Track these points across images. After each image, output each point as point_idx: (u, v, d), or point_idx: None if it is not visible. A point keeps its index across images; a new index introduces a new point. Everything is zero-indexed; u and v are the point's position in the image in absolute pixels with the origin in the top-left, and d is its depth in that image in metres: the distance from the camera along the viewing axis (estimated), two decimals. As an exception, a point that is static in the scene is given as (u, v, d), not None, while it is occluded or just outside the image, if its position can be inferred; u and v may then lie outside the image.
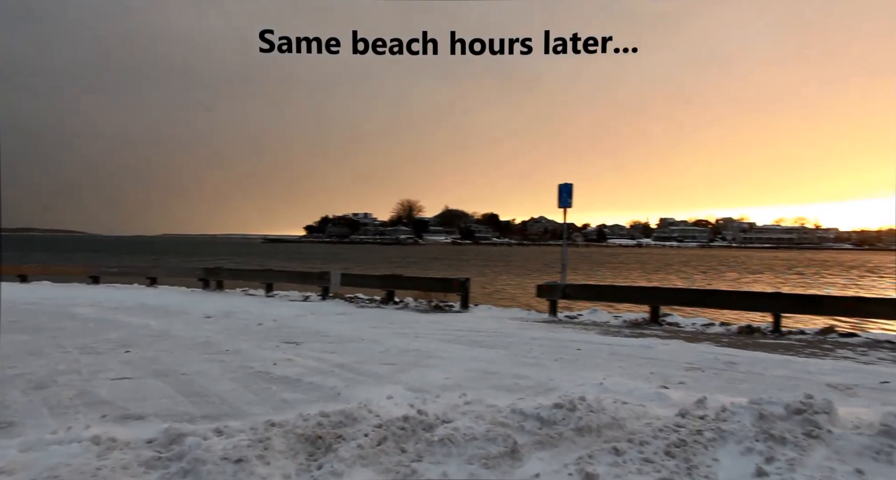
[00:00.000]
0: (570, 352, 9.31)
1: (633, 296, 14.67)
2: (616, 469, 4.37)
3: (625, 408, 5.50)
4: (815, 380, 7.52)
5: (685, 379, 7.50)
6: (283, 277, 21.02)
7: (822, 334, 11.78)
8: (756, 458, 4.53)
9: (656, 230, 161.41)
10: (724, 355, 9.26)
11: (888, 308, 12.56)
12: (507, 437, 4.59)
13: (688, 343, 10.38)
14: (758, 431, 4.88)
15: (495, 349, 9.49)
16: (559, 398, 5.47)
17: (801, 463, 4.46)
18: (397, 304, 16.76)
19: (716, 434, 4.84)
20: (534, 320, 13.75)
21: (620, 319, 13.58)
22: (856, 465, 4.40)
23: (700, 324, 13.10)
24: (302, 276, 20.57)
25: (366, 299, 17.89)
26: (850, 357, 9.40)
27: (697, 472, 4.36)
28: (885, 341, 11.10)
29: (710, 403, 5.50)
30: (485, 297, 20.75)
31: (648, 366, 8.26)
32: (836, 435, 4.87)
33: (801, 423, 5.01)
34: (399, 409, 5.25)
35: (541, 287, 14.64)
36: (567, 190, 14.11)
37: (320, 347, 9.57)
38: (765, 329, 12.19)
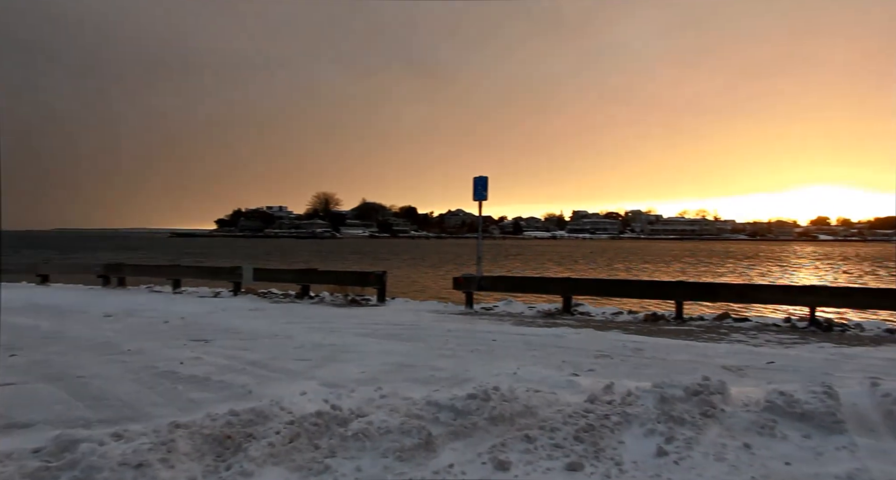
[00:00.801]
0: (485, 343, 9.47)
1: (546, 287, 15.11)
2: (528, 455, 4.50)
3: (537, 396, 5.67)
4: (711, 363, 8.03)
5: (595, 366, 7.81)
6: (191, 272, 20.15)
7: (719, 319, 12.60)
8: (658, 439, 4.79)
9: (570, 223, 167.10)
10: (632, 342, 9.71)
11: (775, 294, 13.63)
12: (422, 429, 4.62)
13: (598, 332, 10.81)
14: (659, 413, 5.16)
15: (412, 342, 9.51)
16: (474, 389, 5.55)
17: (697, 441, 4.75)
18: (313, 299, 16.46)
19: (621, 418, 5.08)
20: (450, 312, 13.89)
21: (535, 309, 13.96)
22: (744, 440, 4.74)
23: (610, 313, 13.68)
24: (212, 271, 19.79)
25: (280, 294, 17.46)
26: (743, 341, 10.10)
27: (604, 455, 4.55)
28: (773, 324, 12.03)
29: (617, 388, 5.76)
30: (402, 290, 20.76)
31: (561, 355, 8.53)
32: (728, 413, 5.22)
33: (699, 404, 5.34)
34: (312, 405, 5.16)
35: (457, 280, 14.80)
36: (482, 183, 14.32)
37: (231, 344, 9.25)
38: (669, 316, 12.89)
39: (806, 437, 4.86)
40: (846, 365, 7.98)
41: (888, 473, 4.16)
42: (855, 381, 6.50)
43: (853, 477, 4.13)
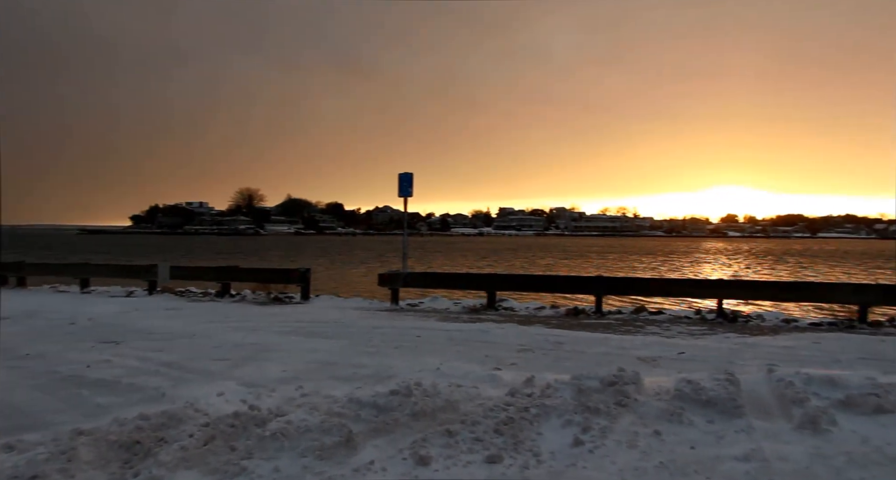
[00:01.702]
0: (410, 339, 9.49)
1: (471, 283, 15.29)
2: (448, 449, 4.54)
3: (459, 391, 5.73)
4: (627, 355, 8.37)
5: (517, 360, 7.97)
6: (102, 271, 19.09)
7: (636, 313, 13.14)
8: (574, 429, 4.94)
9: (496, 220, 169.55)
10: (553, 336, 9.97)
11: (686, 288, 14.37)
12: (342, 427, 4.57)
13: (521, 326, 11.03)
14: (576, 404, 5.33)
15: (336, 340, 9.40)
16: (396, 385, 5.56)
17: (611, 430, 4.94)
18: (234, 297, 15.96)
19: (540, 410, 5.20)
20: (376, 309, 13.82)
21: (460, 305, 14.10)
22: (654, 427, 4.97)
23: (533, 308, 13.99)
24: (125, 269, 18.83)
25: (199, 292, 16.83)
26: (657, 333, 10.58)
27: (523, 446, 4.65)
28: (685, 317, 12.66)
29: (537, 381, 5.90)
30: (328, 287, 20.46)
31: (484, 350, 8.66)
32: (641, 402, 5.46)
33: (614, 394, 5.55)
34: (230, 406, 5.02)
35: (382, 276, 14.74)
36: (407, 179, 14.31)
37: (144, 345, 8.84)
38: (589, 311, 13.32)
39: (710, 422, 5.15)
40: (748, 353, 8.50)
41: (778, 451, 4.47)
42: (755, 368, 6.93)
43: (749, 457, 4.41)
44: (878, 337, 9.85)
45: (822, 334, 10.29)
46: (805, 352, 8.64)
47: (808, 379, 5.73)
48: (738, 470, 4.26)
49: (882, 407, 5.16)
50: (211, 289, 16.75)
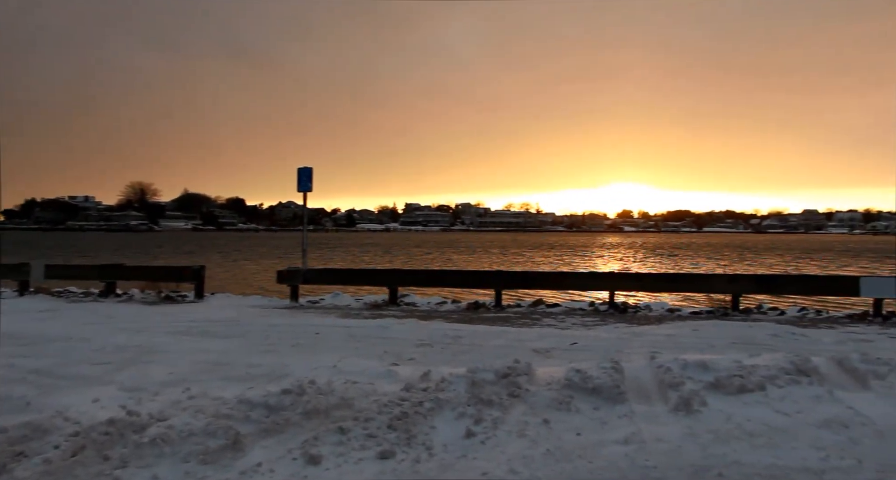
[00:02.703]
0: (308, 337, 9.30)
1: (373, 278, 15.20)
2: (340, 447, 4.49)
3: (354, 388, 5.68)
4: (523, 347, 8.61)
5: (415, 355, 8.00)
6: (-37, 270, 17.29)
7: (534, 306, 13.57)
8: (467, 421, 5.03)
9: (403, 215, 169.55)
10: (452, 330, 10.10)
11: (581, 281, 15.00)
12: (229, 429, 4.41)
13: (421, 321, 11.09)
14: (470, 396, 5.43)
15: (229, 339, 9.06)
16: (289, 384, 5.43)
17: (503, 421, 5.07)
18: (120, 297, 14.99)
19: (434, 404, 5.25)
20: (274, 306, 13.44)
21: (361, 301, 13.98)
22: (544, 416, 5.14)
23: (434, 303, 14.11)
24: (-9, 268, 17.16)
25: (80, 292, 15.67)
26: (553, 325, 10.97)
27: (416, 441, 4.68)
28: (579, 308, 13.22)
29: (433, 375, 5.94)
30: (224, 285, 19.66)
31: (383, 345, 8.63)
32: (533, 392, 5.63)
33: (507, 386, 5.69)
34: (105, 412, 4.70)
35: (281, 273, 14.35)
36: (306, 174, 13.99)
37: (9, 351, 8.10)
38: (489, 305, 13.60)
39: (596, 409, 5.40)
40: (634, 342, 8.99)
41: (655, 432, 4.76)
42: (639, 356, 7.32)
43: (629, 440, 4.67)
44: (747, 323, 10.71)
45: (700, 322, 11.05)
46: (685, 339, 9.24)
47: (685, 364, 6.13)
48: (618, 453, 4.49)
49: (745, 387, 5.61)
50: (94, 289, 15.64)
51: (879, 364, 5.88)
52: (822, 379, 5.82)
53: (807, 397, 5.52)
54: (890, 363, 5.85)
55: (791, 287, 13.91)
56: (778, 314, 12.69)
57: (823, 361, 6.22)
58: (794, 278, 17.01)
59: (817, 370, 5.94)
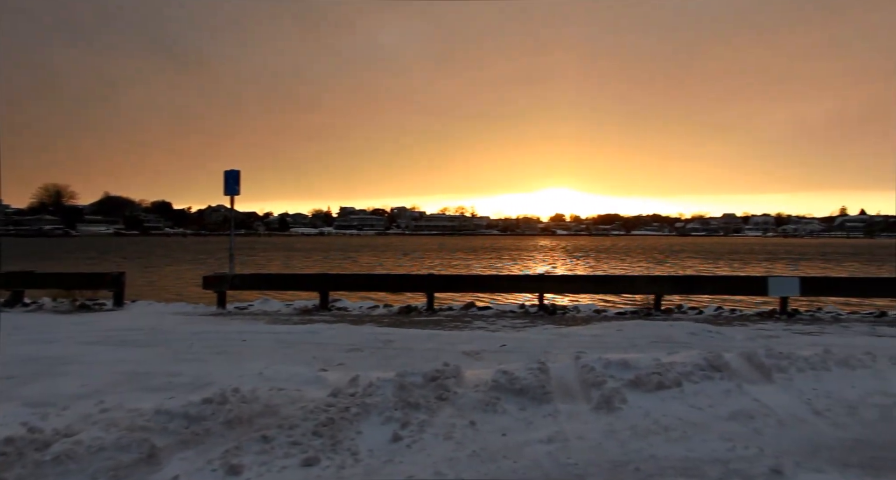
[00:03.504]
0: (234, 344, 9.04)
1: (303, 283, 14.93)
2: (263, 456, 4.39)
3: (280, 395, 5.57)
4: (453, 350, 8.67)
5: (345, 360, 7.92)
6: None
7: (466, 309, 13.68)
8: (394, 425, 5.02)
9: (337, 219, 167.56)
10: (383, 334, 10.05)
11: (511, 283, 15.27)
12: (144, 442, 4.23)
13: (352, 326, 10.99)
14: (397, 400, 5.42)
15: (150, 348, 8.68)
16: (211, 393, 5.27)
17: (430, 424, 5.08)
18: (28, 306, 14.12)
19: (361, 409, 5.21)
20: (200, 313, 13.00)
21: (291, 307, 13.72)
22: (471, 418, 5.19)
23: (367, 307, 14.01)
24: None
25: (-19, 302, 14.64)
26: (483, 327, 11.10)
27: (341, 447, 4.63)
28: (510, 311, 13.43)
29: (361, 380, 5.89)
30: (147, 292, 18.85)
31: (312, 351, 8.50)
32: (461, 395, 5.68)
33: (435, 389, 5.71)
34: (4, 430, 4.41)
35: (207, 279, 13.89)
36: (234, 177, 13.62)
37: None
38: (421, 308, 13.62)
39: (522, 409, 5.50)
40: (562, 343, 9.21)
41: (577, 431, 4.89)
42: (565, 356, 7.50)
43: (552, 439, 4.78)
44: (668, 323, 11.16)
45: (625, 322, 11.44)
46: (610, 339, 9.54)
47: (607, 363, 6.33)
48: (541, 452, 4.59)
49: (663, 384, 5.85)
50: None
51: (782, 359, 6.25)
52: (732, 374, 6.14)
53: (718, 391, 5.82)
54: (791, 357, 6.24)
55: (707, 288, 14.61)
56: (696, 313, 13.30)
57: (734, 357, 6.56)
58: (709, 279, 17.88)
59: (728, 366, 6.26)
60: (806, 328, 11.01)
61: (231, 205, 14.32)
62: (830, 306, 14.16)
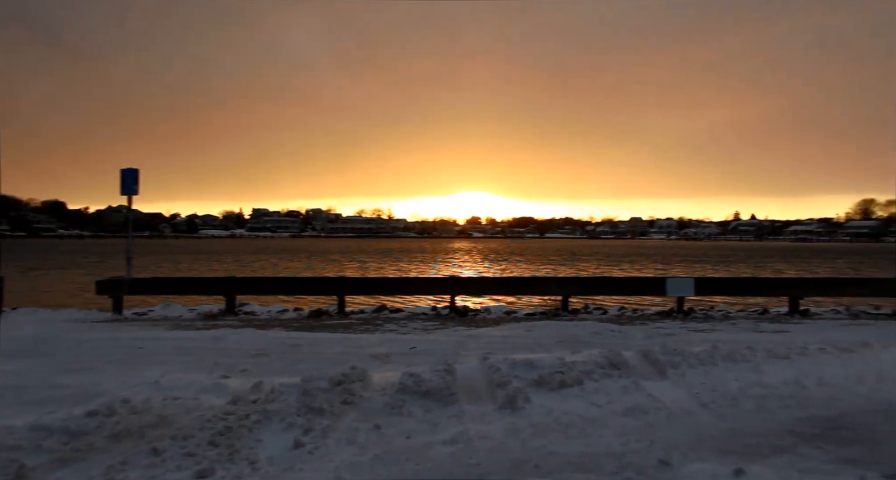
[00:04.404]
0: (129, 352, 8.55)
1: (208, 287, 14.33)
2: (152, 470, 4.16)
3: (175, 404, 5.30)
4: (362, 353, 8.58)
5: (249, 366, 7.66)
6: None
7: (377, 312, 13.59)
8: (296, 432, 4.90)
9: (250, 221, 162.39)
10: (291, 338, 9.80)
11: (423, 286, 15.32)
12: (12, 463, 3.91)
13: (259, 330, 10.66)
14: (300, 406, 5.29)
15: (30, 358, 8.03)
16: (98, 405, 4.95)
17: (333, 429, 5.00)
18: None
19: (262, 416, 5.05)
20: (93, 320, 12.19)
21: (195, 312, 13.14)
22: (376, 421, 5.15)
23: (276, 311, 13.63)
24: None
25: None
26: (394, 330, 11.06)
27: (239, 456, 4.46)
28: (422, 313, 13.47)
29: (264, 386, 5.72)
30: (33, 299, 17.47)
31: (215, 357, 8.16)
32: (366, 398, 5.62)
33: (340, 393, 5.63)
34: None
35: (101, 283, 13.04)
36: (132, 176, 12.86)
37: None
38: (332, 311, 13.40)
39: (427, 411, 5.51)
40: (471, 344, 9.32)
41: (481, 431, 4.96)
42: (474, 357, 7.59)
43: (456, 440, 4.81)
44: (574, 323, 11.55)
45: (533, 323, 11.73)
46: (518, 339, 9.75)
47: (513, 364, 6.46)
48: (445, 453, 4.61)
49: (565, 382, 6.03)
50: None
51: (675, 355, 6.60)
52: (630, 371, 6.42)
53: (616, 388, 6.07)
54: (683, 354, 6.60)
55: (611, 288, 15.25)
56: (601, 313, 13.84)
57: (632, 355, 6.86)
58: (613, 280, 18.68)
59: (627, 364, 6.55)
60: (699, 326, 11.70)
61: (129, 205, 13.53)
62: (722, 304, 15.13)
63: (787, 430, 5.01)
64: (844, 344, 7.27)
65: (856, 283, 16.40)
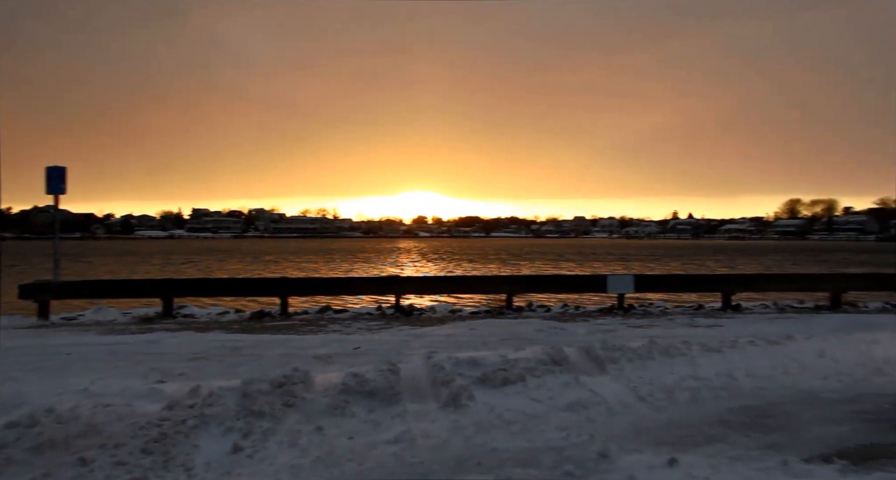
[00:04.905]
0: (56, 358, 8.15)
1: (143, 290, 13.81)
2: (79, 481, 3.98)
3: (106, 411, 5.08)
4: (305, 354, 8.45)
5: (187, 370, 7.44)
6: None
7: (321, 312, 13.41)
8: (235, 436, 4.79)
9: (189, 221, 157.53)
10: (232, 341, 9.57)
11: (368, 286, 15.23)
12: (-76, 477, 3.66)
13: (198, 333, 10.36)
14: (240, 409, 5.17)
15: (-55, 369, 7.56)
16: (18, 416, 4.69)
17: (274, 432, 4.90)
18: None
19: (199, 421, 4.91)
20: (15, 326, 11.54)
21: (130, 315, 12.64)
22: (318, 423, 5.08)
23: (216, 313, 13.27)
24: None
25: None
26: (339, 330, 10.94)
27: (174, 463, 4.33)
28: (367, 313, 13.37)
29: (202, 390, 5.54)
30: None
31: (150, 362, 7.89)
32: (309, 400, 5.54)
33: (282, 395, 5.52)
34: None
35: (24, 287, 12.36)
36: (58, 174, 12.24)
37: None
38: (275, 313, 13.14)
39: (371, 411, 5.48)
40: (416, 343, 9.31)
41: (424, 429, 4.97)
42: (418, 356, 7.60)
43: (399, 439, 4.80)
44: (518, 321, 11.71)
45: (478, 321, 11.82)
46: (462, 338, 9.80)
47: (456, 362, 6.49)
48: (387, 453, 4.60)
49: (508, 379, 6.11)
50: None
51: (615, 350, 6.78)
52: (571, 367, 6.55)
53: (558, 384, 6.18)
54: (622, 349, 6.78)
55: (555, 286, 15.53)
56: (545, 311, 14.07)
57: (573, 351, 7.00)
58: (557, 278, 19.05)
59: (568, 360, 6.67)
60: (638, 322, 12.05)
61: (56, 204, 12.88)
62: (660, 300, 15.62)
63: (719, 420, 5.22)
64: (772, 337, 7.62)
65: (781, 279, 17.25)
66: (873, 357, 7.03)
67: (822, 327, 10.54)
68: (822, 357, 7.01)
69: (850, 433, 4.99)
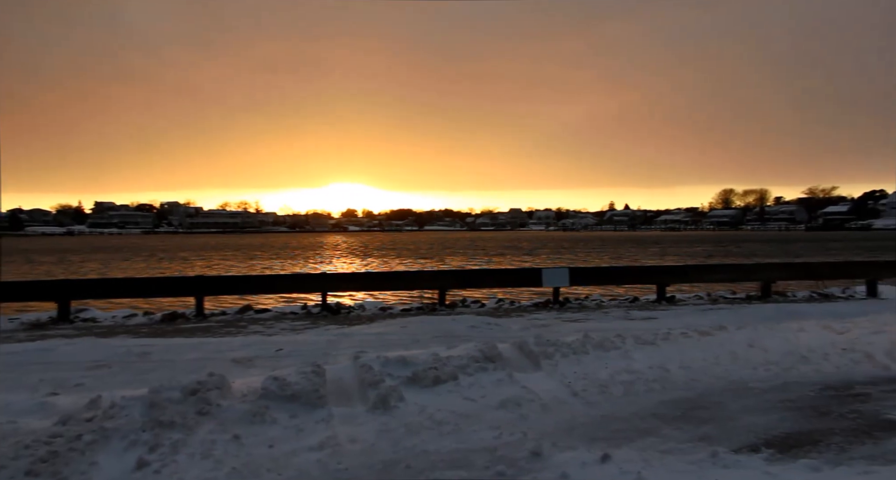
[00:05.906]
0: (-71, 372, 7.57)
1: (36, 292, 13.01)
2: (-47, 509, 3.70)
3: (-16, 430, 4.77)
4: (222, 358, 8.20)
5: (85, 380, 7.08)
6: None
7: (241, 312, 13.06)
8: (140, 449, 4.58)
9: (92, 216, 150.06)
10: (139, 346, 9.16)
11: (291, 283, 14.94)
12: None
13: (101, 339, 9.89)
14: (146, 421, 4.95)
15: None
16: None
17: (185, 443, 4.72)
18: None
19: (98, 436, 4.67)
20: None
21: (17, 321, 11.91)
22: (234, 431, 4.93)
23: (122, 316, 12.68)
24: None
25: None
26: (260, 332, 10.68)
27: (68, 483, 4.10)
28: (291, 312, 13.11)
29: (103, 402, 5.28)
30: None
31: (41, 372, 7.46)
32: (225, 407, 5.36)
33: (195, 403, 5.32)
34: None
35: None
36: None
37: None
38: (189, 314, 12.69)
39: (293, 416, 5.36)
40: (343, 343, 9.21)
41: (351, 434, 4.91)
42: (345, 357, 7.51)
43: (323, 445, 4.73)
44: (451, 317, 11.76)
45: (409, 318, 11.80)
46: (393, 336, 9.77)
47: (385, 362, 6.45)
48: (310, 460, 4.52)
49: (439, 378, 6.12)
50: None
51: (549, 346, 6.91)
52: (505, 364, 6.63)
53: (491, 381, 6.25)
54: (556, 344, 6.92)
55: (488, 280, 15.68)
56: (479, 306, 14.21)
57: (507, 347, 7.10)
58: (491, 272, 19.23)
59: (501, 356, 6.75)
60: (574, 316, 12.35)
61: (-70, 197, 11.98)
62: (596, 294, 16.08)
63: (652, 413, 5.41)
64: (704, 328, 7.97)
65: (714, 269, 18.07)
66: (799, 346, 7.46)
67: (752, 316, 11.13)
68: (752, 347, 7.38)
69: (777, 421, 5.28)
